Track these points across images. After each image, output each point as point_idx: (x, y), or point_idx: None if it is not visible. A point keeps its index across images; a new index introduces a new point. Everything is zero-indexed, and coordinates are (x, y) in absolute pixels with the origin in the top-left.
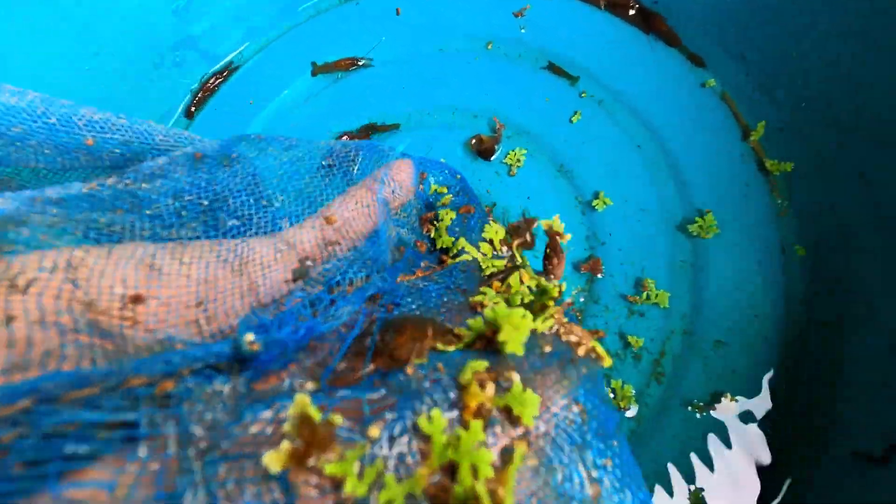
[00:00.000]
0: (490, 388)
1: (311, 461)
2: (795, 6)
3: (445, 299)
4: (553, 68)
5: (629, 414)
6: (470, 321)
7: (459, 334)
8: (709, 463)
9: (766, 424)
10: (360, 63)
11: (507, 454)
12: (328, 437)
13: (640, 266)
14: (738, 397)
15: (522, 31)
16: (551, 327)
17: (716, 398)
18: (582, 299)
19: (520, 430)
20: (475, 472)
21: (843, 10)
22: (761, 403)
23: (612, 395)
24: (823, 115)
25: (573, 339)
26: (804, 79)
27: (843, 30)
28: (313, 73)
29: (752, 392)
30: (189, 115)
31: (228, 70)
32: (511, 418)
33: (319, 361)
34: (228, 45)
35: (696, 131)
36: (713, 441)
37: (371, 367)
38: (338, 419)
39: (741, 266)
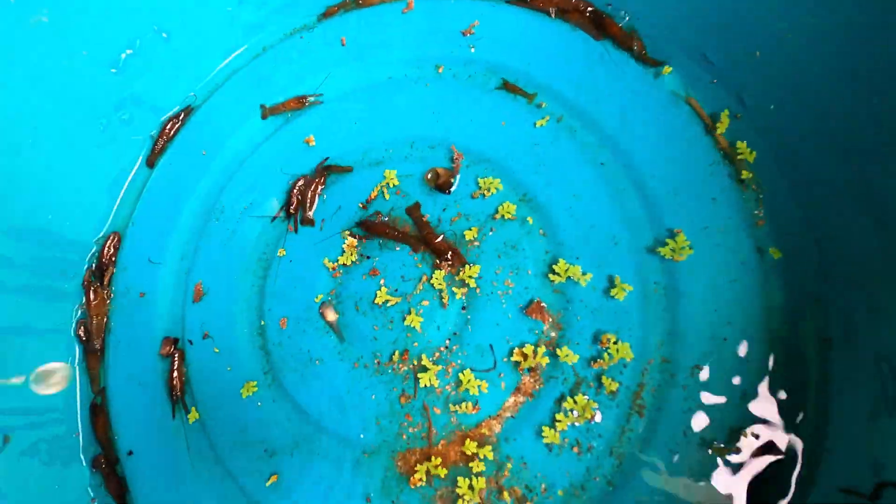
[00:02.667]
0: None
1: None
2: (757, 3)
3: None
4: (507, 86)
5: (597, 419)
6: None
7: None
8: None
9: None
10: (309, 100)
11: None
12: None
13: (604, 316)
14: (725, 437)
15: (472, 49)
16: None
17: (700, 431)
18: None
19: None
20: None
21: (805, 8)
22: (744, 438)
23: (573, 413)
24: (796, 119)
25: None
26: (771, 80)
27: (807, 27)
28: (263, 116)
29: (734, 420)
30: (150, 164)
31: (180, 120)
32: None
33: None
34: (176, 96)
35: (661, 140)
36: (698, 478)
37: None
38: None
39: (717, 284)
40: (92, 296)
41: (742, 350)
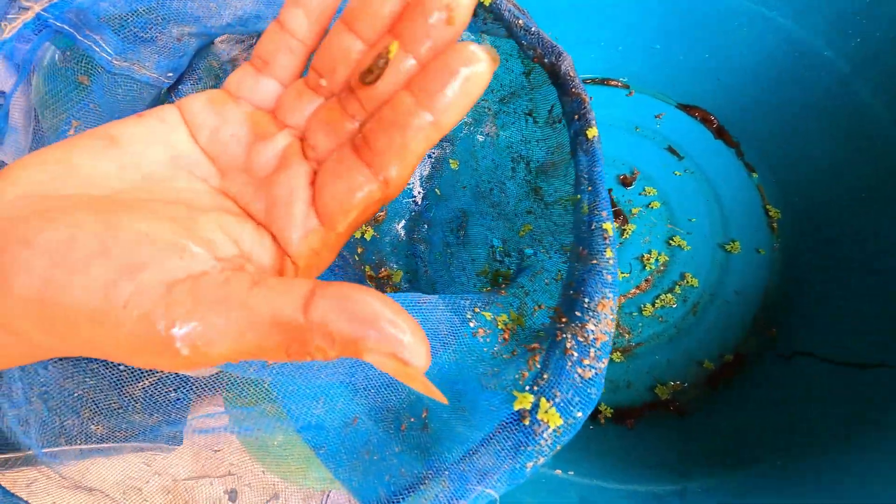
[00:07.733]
0: None
1: None
2: (792, 134)
3: None
4: (671, 150)
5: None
6: None
7: None
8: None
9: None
10: None
11: None
12: None
13: (690, 267)
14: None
15: (658, 126)
16: None
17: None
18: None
19: None
20: None
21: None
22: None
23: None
24: (806, 202)
25: None
26: (798, 178)
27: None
28: None
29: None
30: None
31: None
32: None
33: None
34: None
35: (742, 196)
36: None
37: None
38: None
39: (746, 266)
40: None
41: (753, 294)
